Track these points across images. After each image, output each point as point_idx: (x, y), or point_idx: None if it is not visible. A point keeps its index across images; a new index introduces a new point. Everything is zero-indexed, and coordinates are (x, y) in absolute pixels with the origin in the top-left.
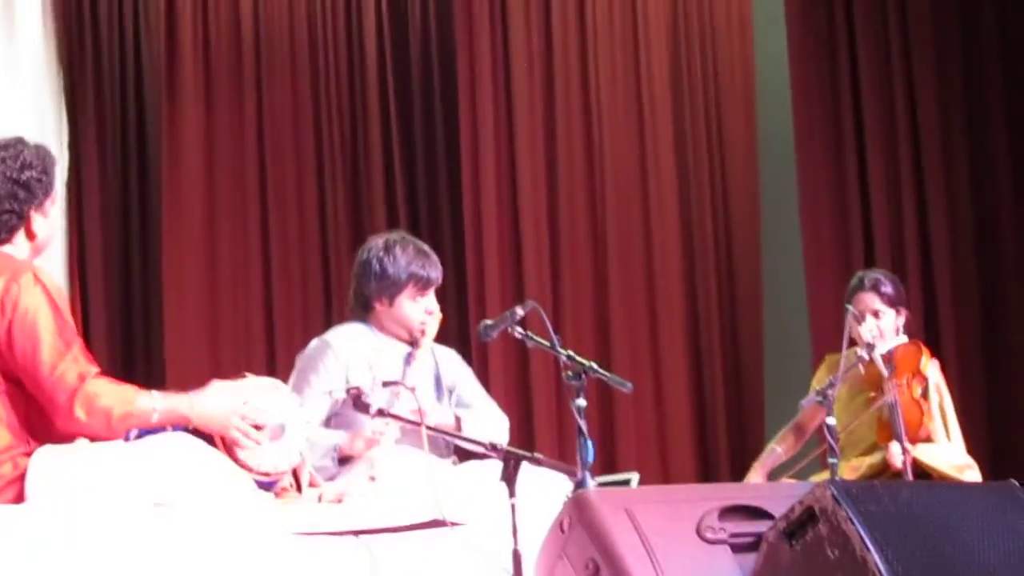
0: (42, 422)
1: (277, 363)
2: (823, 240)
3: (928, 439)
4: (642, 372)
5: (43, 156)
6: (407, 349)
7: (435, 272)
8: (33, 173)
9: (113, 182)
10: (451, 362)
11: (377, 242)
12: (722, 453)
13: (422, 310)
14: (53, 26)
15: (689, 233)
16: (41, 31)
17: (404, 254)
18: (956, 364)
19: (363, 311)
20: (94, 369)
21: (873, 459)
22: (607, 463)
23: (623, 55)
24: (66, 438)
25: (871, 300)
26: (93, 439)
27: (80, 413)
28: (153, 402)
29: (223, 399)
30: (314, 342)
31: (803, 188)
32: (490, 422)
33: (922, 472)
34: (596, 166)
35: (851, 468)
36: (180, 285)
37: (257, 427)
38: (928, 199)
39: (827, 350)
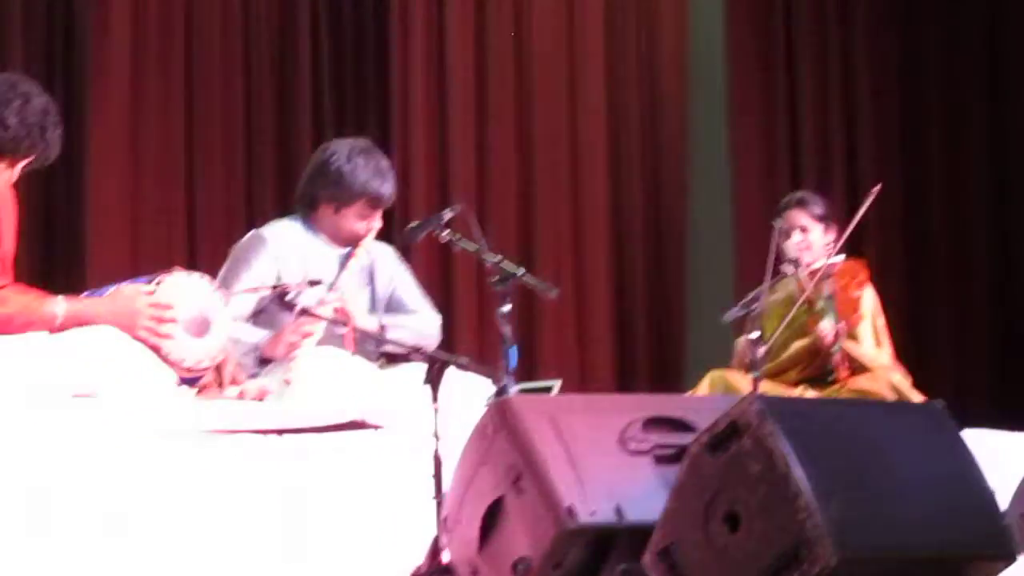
0: None
1: (197, 251)
2: (750, 152)
3: (854, 335)
4: (565, 279)
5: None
6: (343, 252)
7: (389, 191)
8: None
9: (40, 49)
10: (387, 260)
11: (340, 147)
12: (641, 364)
13: (365, 226)
14: None
15: (616, 142)
16: None
17: (365, 168)
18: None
19: (307, 208)
20: (3, 280)
21: (801, 343)
22: (527, 370)
23: None
24: None
25: (798, 216)
26: None
27: None
28: (55, 306)
29: (128, 301)
30: (249, 234)
31: (732, 103)
32: (419, 323)
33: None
34: (524, 63)
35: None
36: (105, 169)
37: (170, 321)
38: (858, 114)
39: (751, 264)
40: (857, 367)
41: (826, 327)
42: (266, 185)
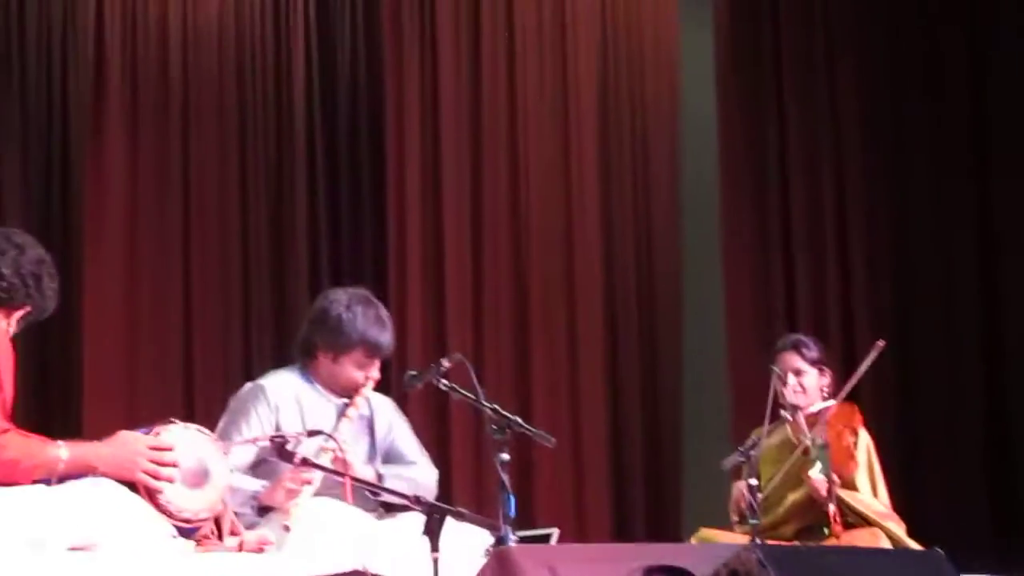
0: None
1: (194, 395)
2: (744, 293)
3: (851, 485)
4: (561, 427)
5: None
6: (341, 402)
7: (388, 342)
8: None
9: (35, 213)
10: (386, 411)
11: (340, 295)
12: (638, 510)
13: (363, 375)
14: None
15: (612, 288)
16: None
17: (364, 317)
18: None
19: (305, 356)
20: (3, 424)
21: (797, 495)
22: (523, 517)
23: (551, 78)
24: None
25: (792, 359)
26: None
27: None
28: (59, 451)
29: (128, 444)
30: (248, 385)
31: (726, 243)
32: (417, 475)
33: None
34: (521, 208)
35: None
36: (100, 321)
37: (171, 464)
38: (848, 234)
39: (746, 406)
40: (852, 519)
41: (820, 479)
42: (263, 336)
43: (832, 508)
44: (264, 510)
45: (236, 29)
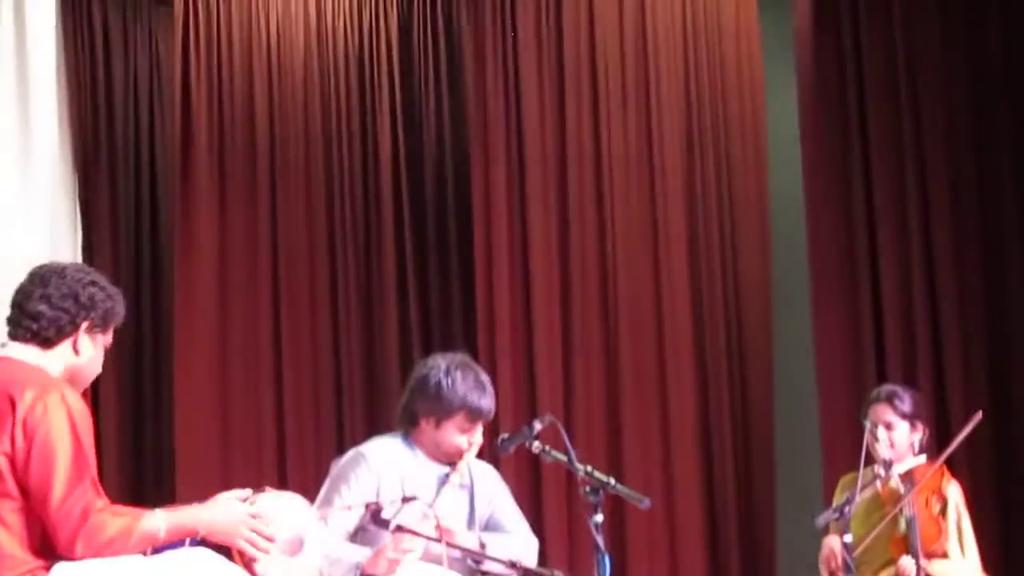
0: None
1: (288, 468)
2: (836, 349)
3: (943, 555)
4: (653, 486)
5: (113, 293)
6: (443, 470)
7: (488, 404)
8: (98, 293)
9: (126, 284)
10: (487, 481)
11: (440, 362)
12: (732, 570)
13: (466, 440)
14: (68, 129)
15: (702, 350)
16: (56, 134)
17: (464, 382)
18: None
19: (408, 424)
20: (100, 503)
21: (886, 573)
22: None
23: (636, 142)
24: None
25: (884, 412)
26: None
27: (79, 549)
28: (157, 521)
29: (229, 508)
30: (350, 452)
31: (816, 298)
32: (519, 544)
33: None
34: (609, 280)
35: None
36: (191, 395)
37: (268, 538)
38: (938, 286)
39: (838, 468)
40: None
41: (909, 567)
42: (355, 406)
43: None
44: None
45: (321, 94)
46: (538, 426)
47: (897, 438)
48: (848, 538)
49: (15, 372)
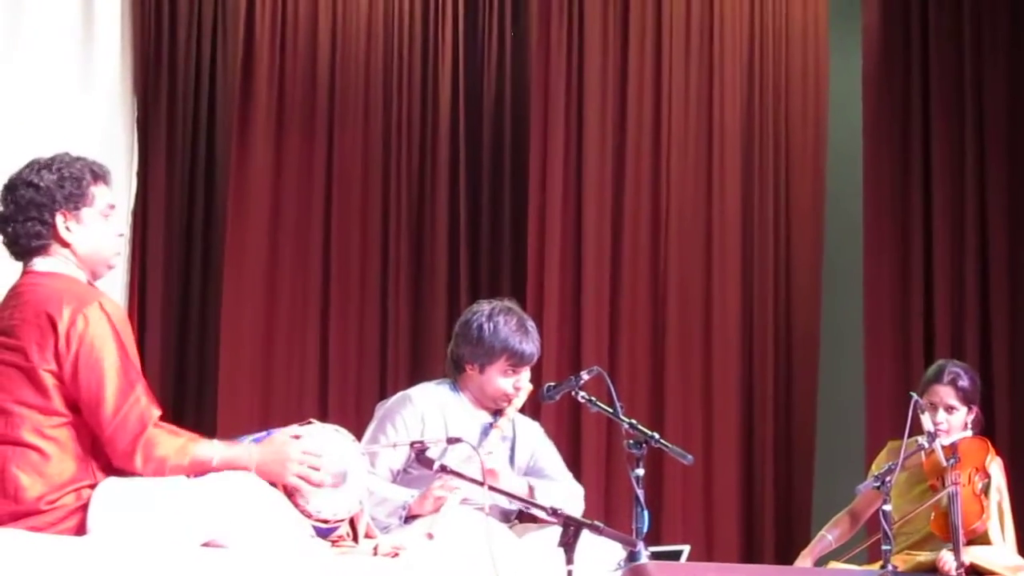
0: (107, 454)
1: (329, 404)
2: (883, 320)
3: (983, 536)
4: (693, 443)
5: (77, 164)
6: (488, 419)
7: (531, 349)
8: (51, 176)
9: (178, 214)
10: (530, 437)
11: (483, 307)
12: (767, 533)
13: (511, 384)
14: (130, 54)
15: (749, 308)
16: (119, 59)
17: (505, 326)
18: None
19: (455, 371)
20: (156, 413)
21: (923, 557)
22: (652, 532)
23: (696, 125)
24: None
25: (947, 395)
26: None
27: (138, 460)
28: (213, 451)
29: (283, 449)
30: (397, 395)
31: (868, 271)
32: (561, 491)
33: (974, 571)
34: (661, 238)
35: (901, 560)
36: (238, 321)
37: (318, 479)
38: (991, 282)
39: (881, 435)
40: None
41: (948, 560)
42: (400, 347)
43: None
44: (411, 518)
45: (384, 36)
46: (585, 376)
47: (955, 421)
48: (888, 507)
49: (47, 287)
